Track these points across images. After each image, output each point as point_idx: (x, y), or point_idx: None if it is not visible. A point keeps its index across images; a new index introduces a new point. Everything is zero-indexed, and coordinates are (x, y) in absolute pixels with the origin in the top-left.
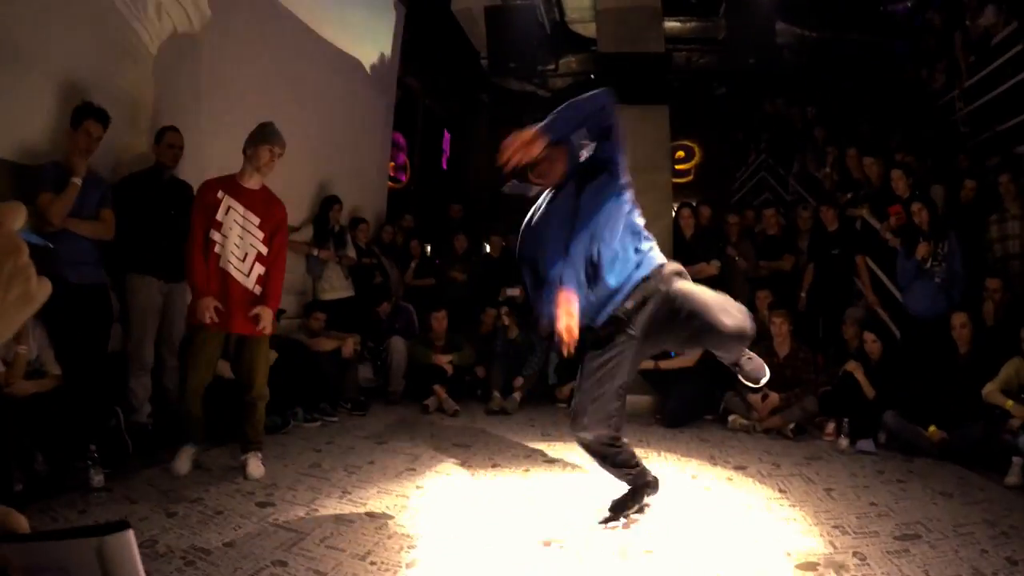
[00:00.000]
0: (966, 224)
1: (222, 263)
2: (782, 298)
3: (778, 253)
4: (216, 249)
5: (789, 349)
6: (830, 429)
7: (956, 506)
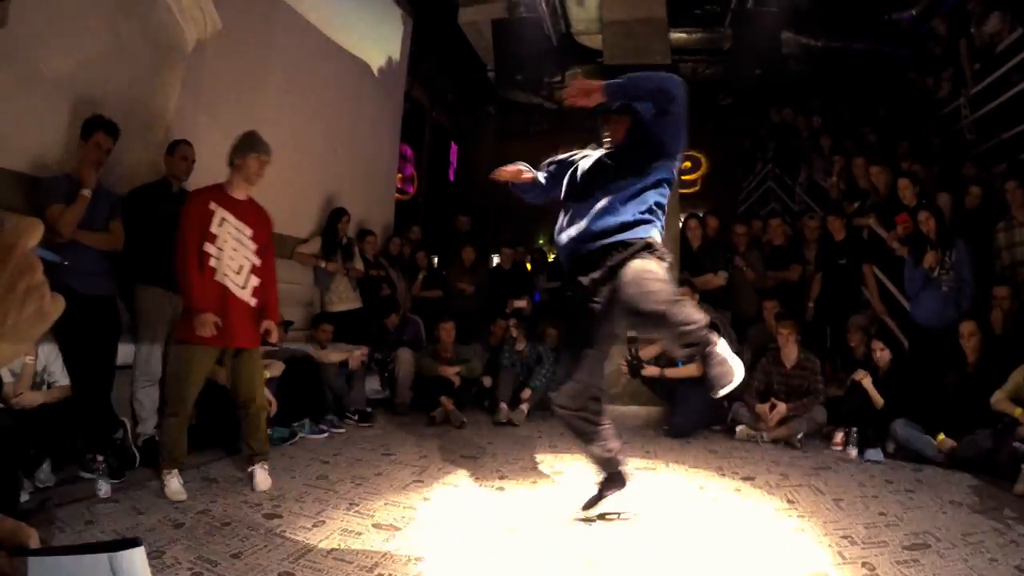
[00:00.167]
0: (973, 232)
1: (219, 276)
2: (789, 308)
3: (785, 263)
4: (212, 262)
5: (796, 359)
6: (838, 439)
7: (965, 515)
